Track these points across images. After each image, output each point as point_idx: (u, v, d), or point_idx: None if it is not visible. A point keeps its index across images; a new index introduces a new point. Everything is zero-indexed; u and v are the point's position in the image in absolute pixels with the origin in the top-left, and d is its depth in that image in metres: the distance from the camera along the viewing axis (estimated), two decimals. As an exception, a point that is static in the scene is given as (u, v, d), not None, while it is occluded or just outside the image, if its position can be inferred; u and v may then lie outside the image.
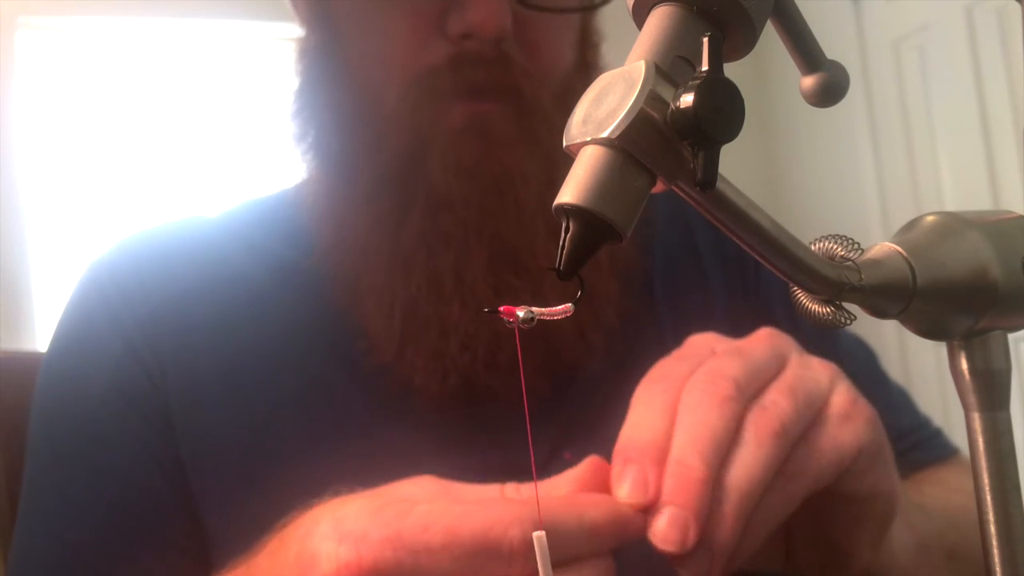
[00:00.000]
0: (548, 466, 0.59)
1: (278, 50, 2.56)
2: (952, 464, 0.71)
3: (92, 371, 0.59)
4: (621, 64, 0.27)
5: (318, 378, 0.59)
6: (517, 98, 0.57)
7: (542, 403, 0.58)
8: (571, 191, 0.25)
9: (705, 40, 0.25)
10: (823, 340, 0.60)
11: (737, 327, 0.67)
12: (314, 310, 0.60)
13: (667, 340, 0.65)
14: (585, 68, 0.62)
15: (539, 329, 0.29)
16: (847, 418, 0.44)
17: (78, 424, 0.58)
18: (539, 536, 0.30)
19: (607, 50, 0.64)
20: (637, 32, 0.28)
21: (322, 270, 0.60)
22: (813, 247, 0.30)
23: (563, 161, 0.27)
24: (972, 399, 0.31)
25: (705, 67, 0.25)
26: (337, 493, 0.42)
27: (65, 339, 0.62)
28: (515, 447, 0.60)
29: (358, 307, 0.58)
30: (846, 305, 0.30)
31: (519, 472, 0.57)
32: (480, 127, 0.56)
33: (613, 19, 0.59)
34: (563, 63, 0.61)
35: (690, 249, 0.69)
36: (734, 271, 0.69)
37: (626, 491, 0.40)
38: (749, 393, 0.43)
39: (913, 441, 0.70)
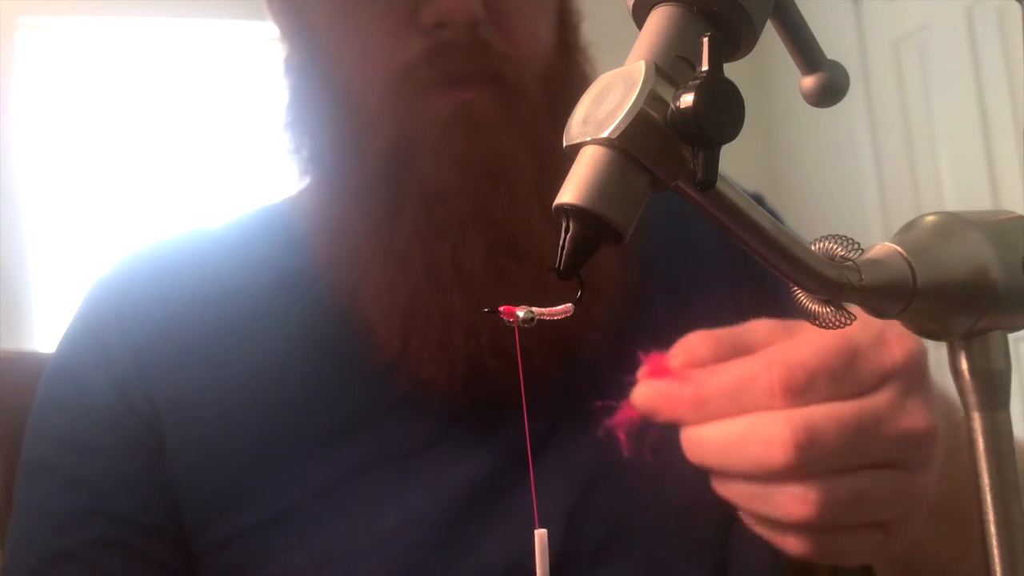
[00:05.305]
0: (552, 443, 0.59)
1: (279, 50, 2.56)
2: None
3: (83, 413, 0.59)
4: (607, 56, 0.27)
5: (319, 383, 0.59)
6: (500, 83, 0.57)
7: (550, 385, 0.58)
8: (571, 191, 0.25)
9: (705, 40, 0.25)
10: None
11: (741, 314, 0.67)
12: (315, 316, 0.60)
13: (662, 318, 0.65)
14: (566, 49, 0.62)
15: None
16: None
17: (67, 460, 0.58)
18: (540, 534, 0.30)
19: (604, 52, 0.64)
20: (634, 32, 0.28)
21: (323, 277, 0.60)
22: (813, 247, 0.30)
23: (553, 142, 0.27)
24: (972, 399, 0.31)
25: (705, 67, 0.25)
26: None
27: (59, 374, 0.62)
28: (520, 428, 0.59)
29: (359, 309, 0.58)
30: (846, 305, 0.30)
31: (527, 454, 0.57)
32: (467, 116, 0.56)
33: (615, 19, 0.59)
34: (542, 44, 0.60)
35: (689, 239, 0.69)
36: (738, 261, 0.68)
37: None
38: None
39: None
